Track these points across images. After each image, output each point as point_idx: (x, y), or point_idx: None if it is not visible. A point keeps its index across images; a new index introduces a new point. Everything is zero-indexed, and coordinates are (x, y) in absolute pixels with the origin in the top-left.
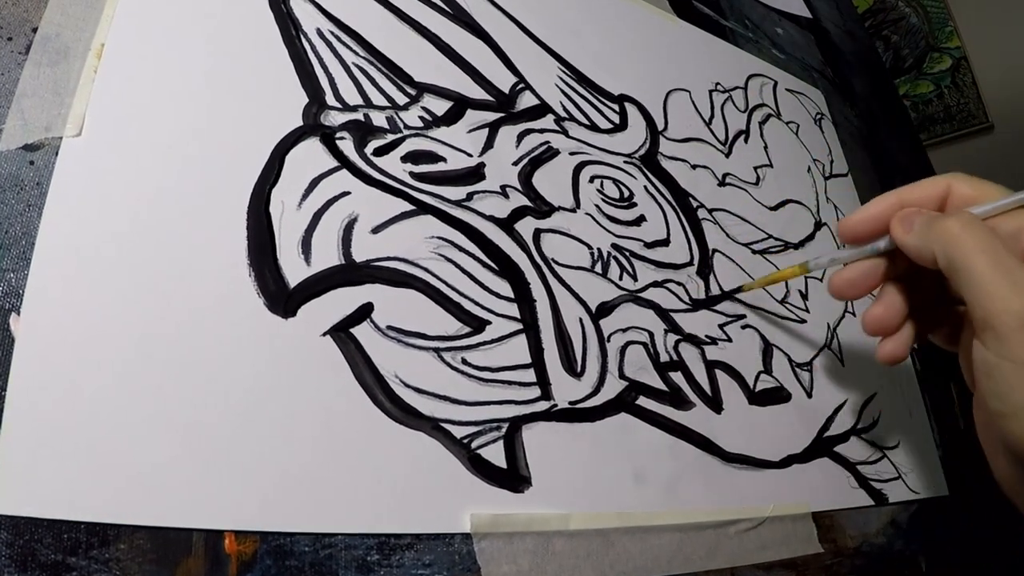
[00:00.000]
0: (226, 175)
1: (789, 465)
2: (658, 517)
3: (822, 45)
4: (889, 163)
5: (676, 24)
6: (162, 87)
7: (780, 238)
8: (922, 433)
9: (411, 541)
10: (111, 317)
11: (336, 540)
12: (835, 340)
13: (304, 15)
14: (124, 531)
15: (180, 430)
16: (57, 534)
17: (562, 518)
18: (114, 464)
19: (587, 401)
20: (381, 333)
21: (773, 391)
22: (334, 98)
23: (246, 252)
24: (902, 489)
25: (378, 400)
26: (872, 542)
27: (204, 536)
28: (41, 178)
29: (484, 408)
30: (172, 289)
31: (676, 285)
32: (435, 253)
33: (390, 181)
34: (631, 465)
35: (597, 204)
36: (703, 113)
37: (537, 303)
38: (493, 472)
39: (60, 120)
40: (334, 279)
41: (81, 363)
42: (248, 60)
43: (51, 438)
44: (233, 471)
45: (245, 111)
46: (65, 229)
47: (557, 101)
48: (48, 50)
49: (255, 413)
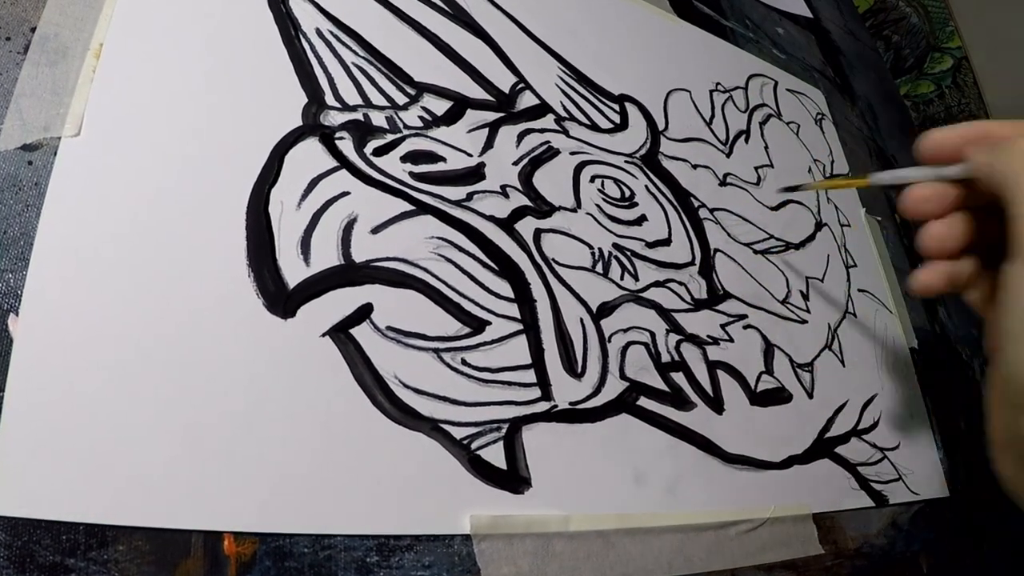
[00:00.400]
0: (225, 175)
1: (790, 466)
2: (659, 518)
3: (823, 45)
4: (890, 164)
5: (676, 24)
6: (161, 87)
7: (781, 238)
8: (923, 434)
9: (411, 542)
10: (110, 318)
11: (335, 541)
12: (836, 341)
13: (303, 15)
14: (123, 532)
15: (179, 431)
16: (56, 535)
17: (562, 519)
18: (113, 465)
19: (588, 402)
20: (380, 334)
21: (774, 392)
22: (333, 98)
23: (245, 252)
24: (903, 490)
25: (377, 401)
26: (873, 543)
27: (203, 537)
28: (39, 178)
29: (484, 409)
30: (171, 290)
31: (678, 285)
32: (435, 253)
33: (390, 181)
34: (632, 466)
35: (598, 204)
36: (704, 113)
37: (537, 303)
38: (493, 473)
39: (59, 120)
40: (333, 280)
41: (80, 364)
42: (247, 60)
43: (50, 439)
44: (232, 472)
45: (244, 111)
46: (63, 229)
47: (557, 101)
48: (47, 50)
49: (254, 414)
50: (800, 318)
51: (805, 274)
